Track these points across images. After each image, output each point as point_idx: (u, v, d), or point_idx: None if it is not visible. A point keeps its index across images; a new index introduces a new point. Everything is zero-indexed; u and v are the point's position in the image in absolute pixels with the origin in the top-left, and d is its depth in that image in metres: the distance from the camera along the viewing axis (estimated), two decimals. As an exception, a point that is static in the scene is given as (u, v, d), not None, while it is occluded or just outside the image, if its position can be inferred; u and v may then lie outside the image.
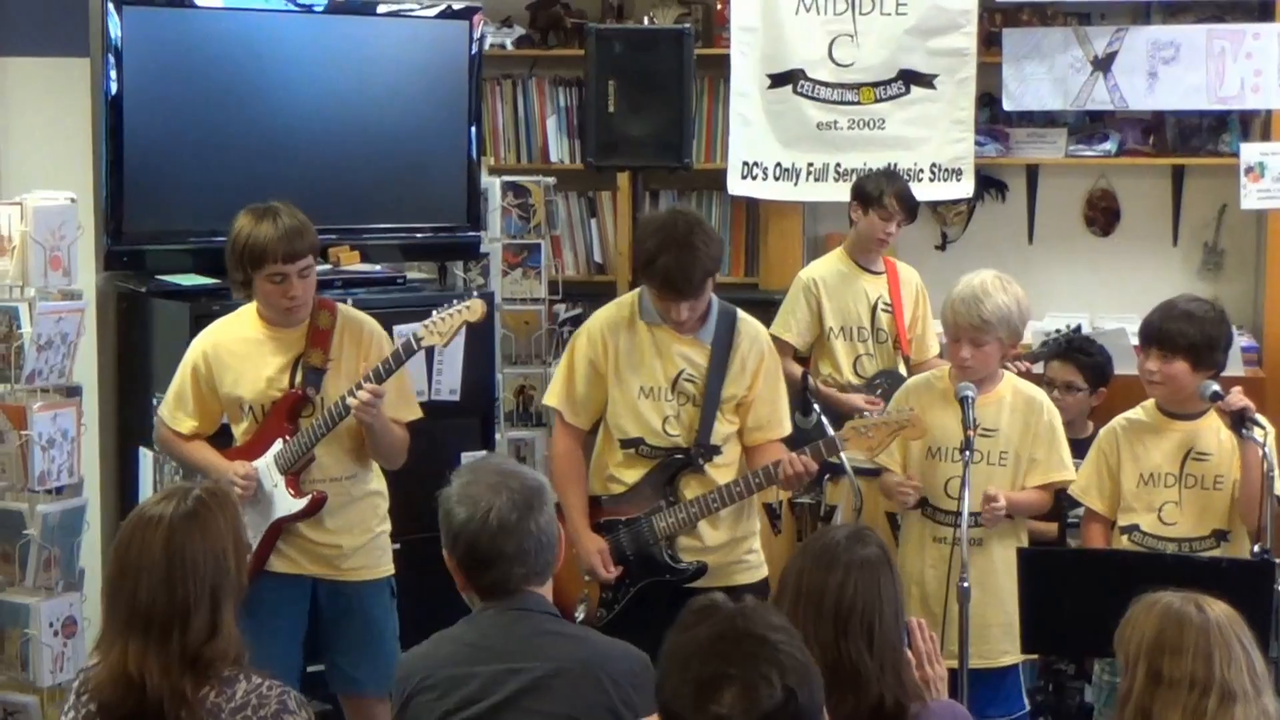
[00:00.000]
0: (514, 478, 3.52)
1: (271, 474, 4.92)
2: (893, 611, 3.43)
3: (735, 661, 2.53)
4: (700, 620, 2.64)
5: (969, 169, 7.41)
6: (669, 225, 4.89)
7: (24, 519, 4.83)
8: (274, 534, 4.94)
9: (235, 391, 4.95)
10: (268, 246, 4.78)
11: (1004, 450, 5.06)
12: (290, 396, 4.92)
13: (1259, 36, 7.23)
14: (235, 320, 5.04)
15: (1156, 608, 3.28)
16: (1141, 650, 3.24)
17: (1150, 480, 4.95)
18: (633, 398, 5.03)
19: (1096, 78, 7.39)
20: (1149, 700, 3.20)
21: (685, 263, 4.83)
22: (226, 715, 3.21)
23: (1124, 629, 3.33)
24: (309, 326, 4.96)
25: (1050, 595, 4.60)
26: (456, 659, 3.45)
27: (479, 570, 3.49)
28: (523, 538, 3.45)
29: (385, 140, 6.29)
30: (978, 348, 5.02)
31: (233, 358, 4.96)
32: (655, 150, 7.02)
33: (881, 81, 7.41)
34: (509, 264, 6.98)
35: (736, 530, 5.09)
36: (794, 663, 2.55)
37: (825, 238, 7.89)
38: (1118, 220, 7.89)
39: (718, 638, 2.59)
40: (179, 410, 5.01)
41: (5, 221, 4.83)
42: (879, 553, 3.46)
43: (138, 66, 5.74)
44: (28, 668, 4.82)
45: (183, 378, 5.00)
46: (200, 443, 5.03)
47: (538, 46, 8.04)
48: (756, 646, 2.55)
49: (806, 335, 6.53)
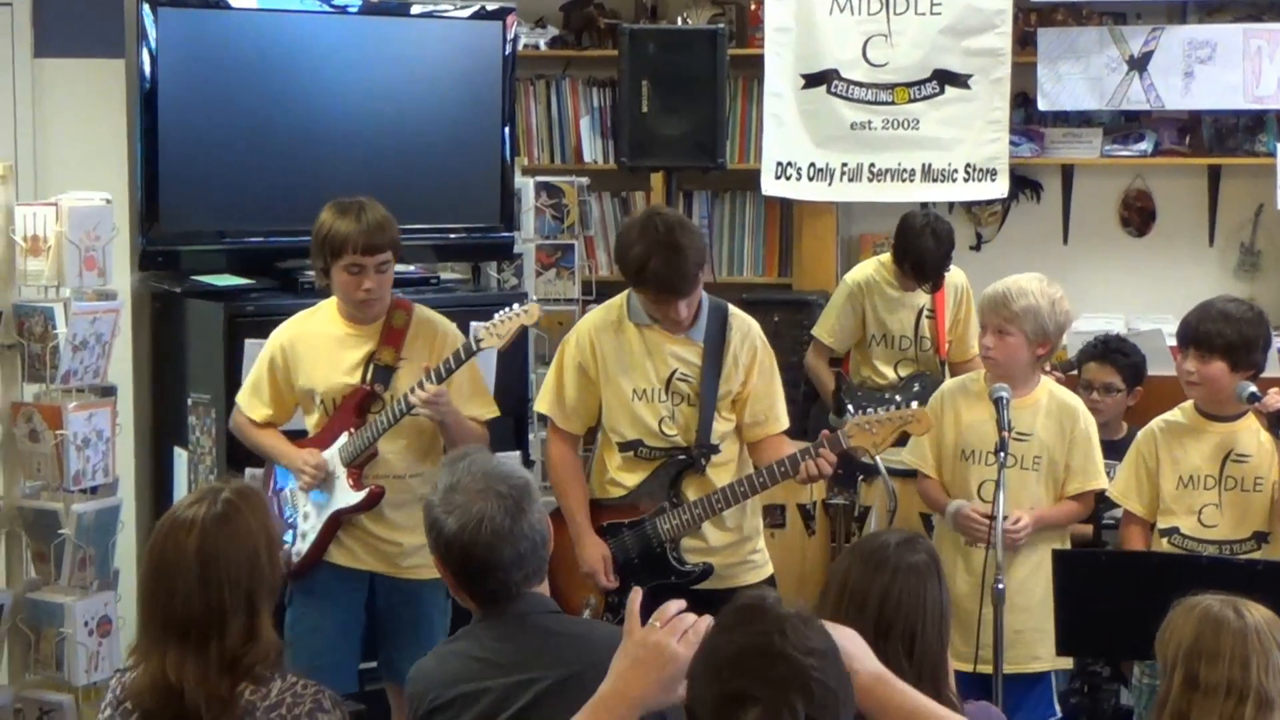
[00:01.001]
0: (500, 480, 3.42)
1: (336, 465, 4.98)
2: (936, 621, 3.39)
3: (765, 682, 2.50)
4: (741, 624, 2.61)
5: (1004, 169, 7.37)
6: (649, 228, 4.82)
7: (59, 518, 4.84)
8: (334, 524, 4.99)
9: (308, 384, 5.02)
10: (348, 238, 4.85)
11: (1038, 455, 5.03)
12: (359, 392, 4.98)
13: (1296, 36, 7.21)
14: (314, 315, 5.10)
15: (1195, 611, 3.25)
16: (1179, 655, 3.21)
17: (1190, 482, 4.92)
18: (626, 400, 4.99)
19: (1132, 77, 7.37)
20: (1185, 706, 3.18)
21: (676, 262, 4.77)
22: (261, 713, 3.21)
23: (1163, 632, 3.31)
24: (384, 325, 5.02)
25: (1085, 597, 4.58)
26: (467, 675, 3.39)
27: (476, 580, 3.41)
28: (517, 541, 3.37)
29: (419, 141, 6.29)
30: (1001, 338, 4.99)
31: (309, 351, 5.02)
32: (689, 150, 7.01)
33: (916, 81, 7.38)
34: (542, 264, 6.97)
35: (742, 530, 5.06)
36: (824, 691, 2.51)
37: (859, 238, 7.89)
38: (1153, 221, 7.87)
39: (753, 652, 2.55)
40: (255, 398, 5.08)
41: (41, 222, 4.84)
42: (928, 561, 3.43)
43: (173, 67, 5.75)
44: (63, 667, 4.83)
45: (260, 368, 5.08)
46: (273, 431, 5.10)
47: (571, 47, 8.04)
48: (789, 670, 2.51)
49: (847, 341, 6.57)
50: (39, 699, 4.89)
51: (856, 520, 6.38)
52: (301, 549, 4.99)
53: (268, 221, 6.05)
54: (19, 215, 4.87)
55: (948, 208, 7.63)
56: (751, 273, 7.88)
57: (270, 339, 5.10)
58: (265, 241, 6.06)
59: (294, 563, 4.96)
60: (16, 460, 4.91)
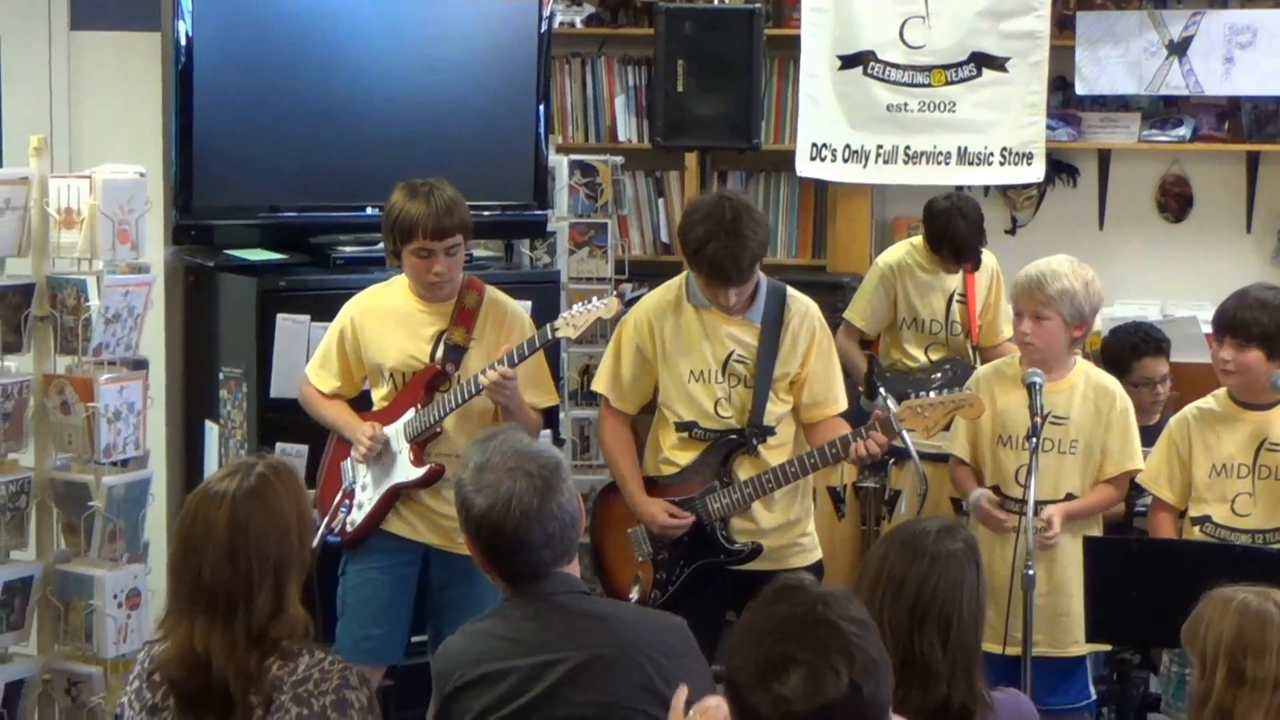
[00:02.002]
0: (530, 459, 3.43)
1: (399, 440, 5.02)
2: (973, 611, 3.37)
3: (807, 646, 2.51)
4: (782, 598, 2.62)
5: (1040, 153, 7.34)
6: (716, 212, 4.83)
7: (90, 491, 4.85)
8: (391, 496, 5.04)
9: (378, 358, 5.05)
10: (417, 222, 4.87)
11: (1074, 439, 5.01)
12: (429, 370, 5.01)
13: (1339, 21, 7.16)
14: (387, 289, 5.13)
15: (1234, 605, 3.23)
16: (1221, 650, 3.18)
17: (1223, 471, 4.89)
18: (683, 381, 5.00)
19: (1171, 62, 7.32)
20: (1230, 701, 3.15)
21: (734, 250, 4.78)
22: (288, 688, 3.22)
23: (1197, 626, 3.27)
24: (456, 305, 5.04)
25: (1116, 584, 4.57)
26: (493, 654, 3.39)
27: (505, 559, 3.41)
28: (546, 521, 3.37)
29: (453, 118, 6.28)
30: (1038, 323, 4.98)
31: (380, 325, 5.06)
32: (723, 131, 6.99)
33: (953, 64, 7.35)
34: (575, 243, 6.97)
35: (791, 513, 5.06)
36: (865, 657, 2.52)
37: (894, 221, 7.87)
38: (1190, 207, 7.83)
39: (794, 619, 2.56)
40: (323, 369, 5.12)
41: (75, 195, 4.84)
42: (966, 550, 3.41)
43: (209, 41, 5.74)
44: (91, 639, 4.85)
45: (330, 339, 5.13)
46: (339, 402, 5.14)
47: (607, 25, 8.03)
48: (830, 635, 2.53)
49: (878, 324, 6.57)
50: (67, 670, 4.90)
51: (887, 504, 6.38)
52: (356, 519, 5.03)
53: (302, 197, 6.06)
54: (53, 187, 4.88)
55: (983, 191, 7.60)
56: (785, 254, 7.86)
57: (342, 311, 5.14)
58: (299, 217, 6.07)
59: (348, 531, 5.03)
60: (48, 432, 4.92)
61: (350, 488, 5.03)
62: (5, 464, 4.87)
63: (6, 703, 4.81)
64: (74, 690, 4.88)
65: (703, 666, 3.51)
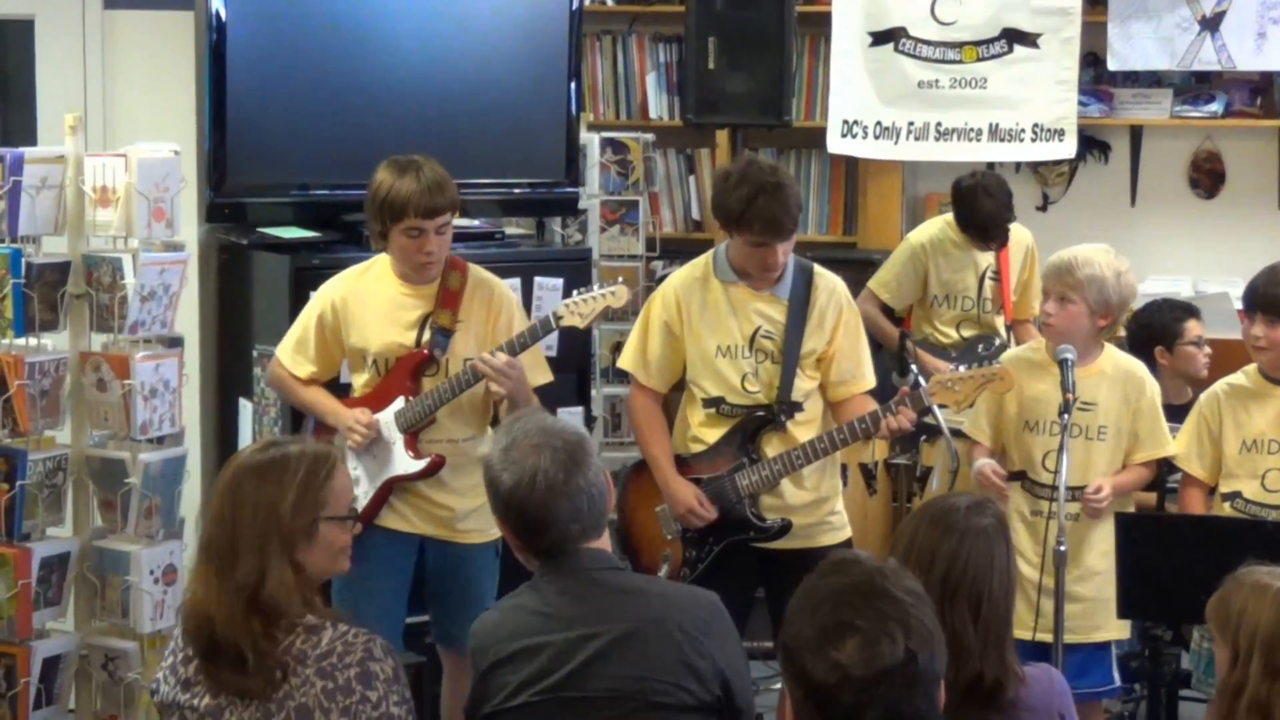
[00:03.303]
0: (555, 435, 3.44)
1: (391, 431, 4.93)
2: (1003, 586, 3.39)
3: (864, 614, 2.53)
4: (837, 570, 2.64)
5: (1072, 129, 7.31)
6: (753, 171, 4.84)
7: (126, 467, 4.87)
8: (387, 490, 4.96)
9: (361, 343, 4.96)
10: (410, 200, 4.77)
11: (1103, 425, 4.99)
12: (416, 356, 4.92)
13: (1372, -5, 7.13)
14: (367, 271, 5.03)
15: (1271, 594, 3.18)
16: (1257, 641, 3.13)
17: (1253, 447, 4.89)
18: (710, 357, 4.99)
19: (1204, 37, 7.29)
20: (1267, 694, 3.10)
21: (782, 198, 4.78)
22: (312, 661, 3.26)
23: (1228, 611, 3.23)
24: (440, 286, 4.94)
25: (1148, 560, 4.57)
26: (529, 629, 3.41)
27: (534, 535, 3.43)
28: (573, 495, 3.38)
29: (485, 95, 6.28)
30: (1063, 305, 4.96)
31: (362, 309, 4.96)
32: (755, 107, 7.00)
33: (984, 40, 7.32)
34: (607, 220, 6.97)
35: (820, 490, 5.05)
36: (921, 628, 2.55)
37: (925, 198, 7.86)
38: (1223, 183, 7.80)
39: (852, 589, 2.58)
40: (299, 354, 5.01)
41: (110, 173, 4.85)
42: (996, 525, 3.43)
43: (241, 20, 5.75)
44: (128, 614, 4.86)
45: (306, 323, 5.01)
46: (319, 388, 5.04)
47: (638, 2, 8.02)
48: (887, 604, 2.55)
49: (906, 299, 6.57)
50: (104, 646, 4.93)
51: (918, 480, 6.39)
52: None
53: (334, 175, 6.06)
54: (88, 166, 4.89)
55: (1014, 168, 7.59)
56: (816, 231, 7.86)
57: (319, 294, 5.05)
58: (331, 195, 6.07)
59: None
60: (84, 409, 4.94)
61: None
62: (42, 441, 4.90)
63: (44, 678, 4.84)
64: (111, 665, 4.91)
65: (735, 641, 3.53)
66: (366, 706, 3.25)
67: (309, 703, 3.24)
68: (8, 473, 4.81)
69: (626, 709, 3.35)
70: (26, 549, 4.81)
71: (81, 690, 4.97)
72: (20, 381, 4.73)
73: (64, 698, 4.95)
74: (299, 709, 3.24)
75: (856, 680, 2.50)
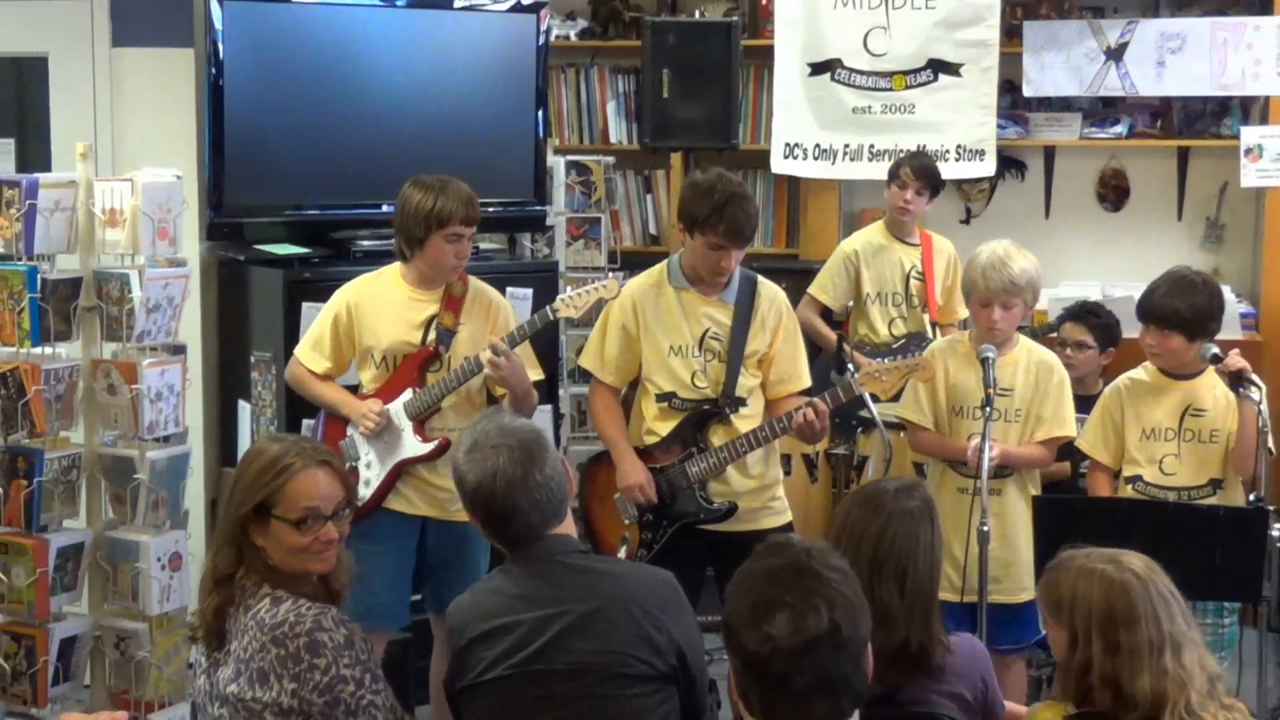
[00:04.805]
0: (512, 435, 3.47)
1: (401, 418, 4.98)
2: (927, 561, 3.40)
3: (792, 590, 2.57)
4: (770, 553, 2.68)
5: (991, 150, 7.36)
6: (721, 183, 4.86)
7: (135, 464, 4.84)
8: (396, 473, 5.00)
9: (371, 341, 5.00)
10: (454, 210, 4.86)
11: (1018, 408, 5.02)
12: (423, 352, 4.98)
13: (1259, 29, 7.18)
14: (378, 278, 5.08)
15: (1096, 579, 3.14)
16: (1093, 624, 3.10)
17: (1152, 435, 4.91)
18: (663, 355, 5.00)
19: (1109, 66, 7.32)
20: (1112, 669, 3.09)
21: (748, 208, 4.82)
22: (268, 629, 3.26)
23: (1057, 595, 3.19)
24: (444, 292, 5.01)
25: (1062, 538, 4.53)
26: (502, 610, 3.43)
27: (500, 526, 3.46)
28: (532, 490, 3.41)
29: (461, 122, 6.28)
30: (1007, 310, 4.96)
31: (374, 311, 5.01)
32: (705, 132, 7.00)
33: (912, 70, 7.35)
34: (572, 236, 6.96)
35: (764, 478, 5.06)
36: (844, 600, 2.58)
37: (860, 213, 7.86)
38: (1127, 197, 7.83)
39: (782, 568, 2.62)
40: (315, 352, 5.06)
41: (118, 196, 4.82)
42: (922, 506, 3.44)
43: (238, 56, 5.74)
44: (138, 598, 4.83)
45: (323, 324, 5.06)
46: (333, 383, 5.09)
47: (599, 38, 8.01)
48: (813, 581, 2.58)
49: (842, 299, 6.58)
50: (116, 627, 4.90)
51: (855, 469, 6.40)
52: (364, 494, 4.97)
53: (324, 196, 6.05)
54: (98, 190, 4.86)
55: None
56: (761, 244, 7.85)
57: (334, 298, 5.08)
58: (321, 214, 6.06)
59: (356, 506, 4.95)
60: (96, 411, 4.91)
61: (354, 465, 5.00)
62: (58, 441, 4.86)
63: (62, 656, 4.81)
64: (122, 645, 4.88)
65: (690, 616, 3.53)
66: (315, 673, 3.25)
67: (265, 667, 3.25)
68: (26, 470, 4.78)
69: (591, 680, 3.35)
70: (44, 539, 4.77)
71: (96, 667, 4.94)
72: (37, 387, 4.70)
73: (80, 674, 4.91)
74: (258, 672, 3.26)
75: (786, 650, 2.53)
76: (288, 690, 3.23)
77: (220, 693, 3.33)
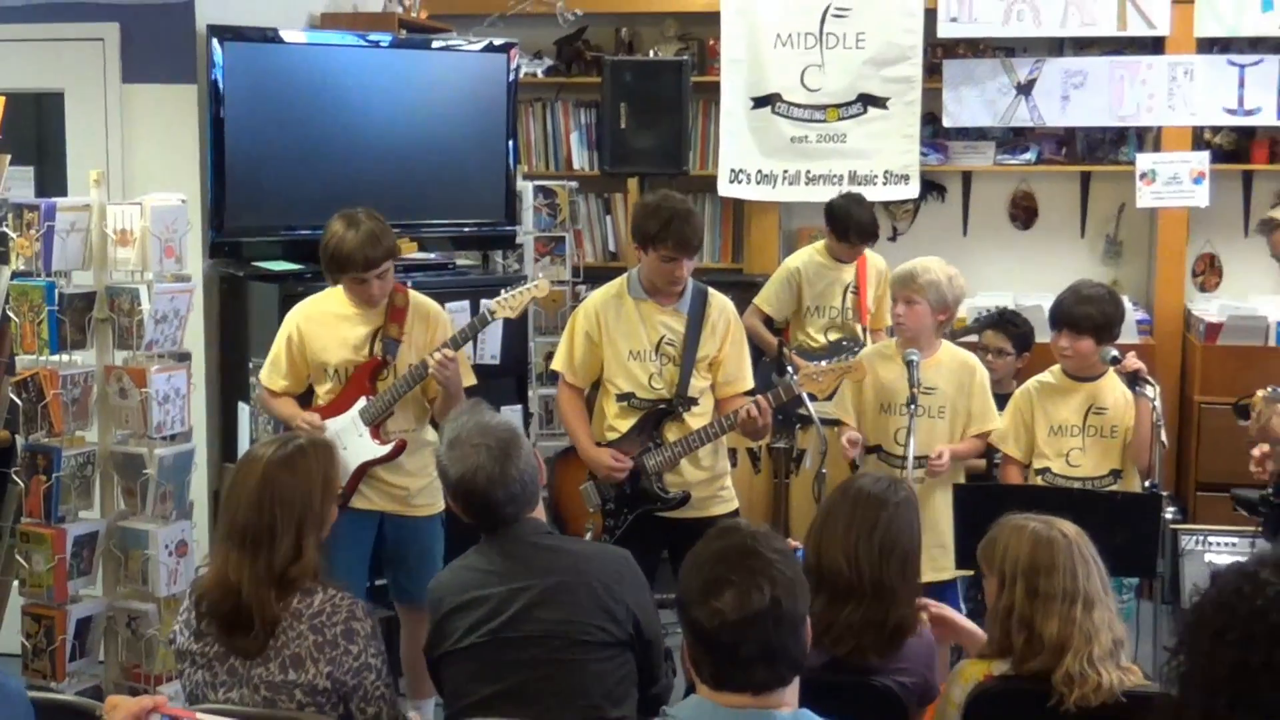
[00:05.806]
0: (490, 434, 3.51)
1: (358, 426, 4.90)
2: (918, 546, 3.50)
3: (738, 570, 2.59)
4: (719, 536, 2.71)
5: (915, 175, 7.39)
6: (669, 202, 4.88)
7: (144, 461, 4.82)
8: (359, 475, 4.92)
9: (323, 357, 4.93)
10: (351, 256, 4.74)
11: (942, 405, 5.05)
12: (372, 362, 4.90)
13: (1151, 66, 7.24)
14: (325, 298, 5.01)
15: (1026, 533, 3.26)
16: (1019, 570, 3.21)
17: (1059, 431, 4.95)
18: (623, 359, 5.00)
19: (1020, 100, 7.37)
20: (1029, 612, 3.19)
21: (692, 223, 4.84)
22: (306, 619, 3.25)
23: (993, 549, 3.30)
24: (388, 305, 4.92)
25: (980, 522, 4.55)
26: (476, 583, 3.47)
27: (479, 513, 3.51)
28: (508, 483, 3.47)
29: (439, 151, 6.26)
30: (910, 307, 5.01)
31: (323, 329, 4.93)
32: (659, 159, 7.01)
33: (844, 103, 7.39)
34: (539, 253, 6.96)
35: (713, 470, 5.07)
36: (784, 579, 2.60)
37: (798, 231, 7.90)
38: (1036, 217, 7.89)
39: (729, 550, 2.64)
40: (274, 372, 4.99)
41: (128, 218, 4.81)
42: (911, 499, 3.54)
43: (237, 92, 5.71)
44: (147, 582, 4.82)
45: (279, 346, 4.99)
46: (287, 399, 5.01)
47: (563, 75, 8.02)
48: (757, 562, 2.60)
49: (784, 311, 6.63)
50: (128, 608, 4.88)
51: (794, 461, 6.42)
52: None
53: (316, 217, 5.92)
54: (110, 212, 4.84)
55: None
56: (710, 259, 7.88)
57: (286, 320, 5.01)
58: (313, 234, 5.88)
59: None
60: (109, 413, 4.89)
61: None
62: (74, 440, 4.85)
63: (78, 635, 4.79)
64: (134, 624, 4.86)
65: (644, 588, 3.59)
66: (348, 658, 3.26)
67: (301, 653, 3.23)
68: (46, 466, 4.77)
69: (555, 646, 3.40)
70: (62, 529, 4.76)
71: (109, 645, 4.92)
72: (55, 391, 4.69)
73: (95, 651, 4.89)
74: (292, 657, 3.23)
75: (733, 623, 2.56)
76: (323, 673, 3.22)
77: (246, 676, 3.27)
